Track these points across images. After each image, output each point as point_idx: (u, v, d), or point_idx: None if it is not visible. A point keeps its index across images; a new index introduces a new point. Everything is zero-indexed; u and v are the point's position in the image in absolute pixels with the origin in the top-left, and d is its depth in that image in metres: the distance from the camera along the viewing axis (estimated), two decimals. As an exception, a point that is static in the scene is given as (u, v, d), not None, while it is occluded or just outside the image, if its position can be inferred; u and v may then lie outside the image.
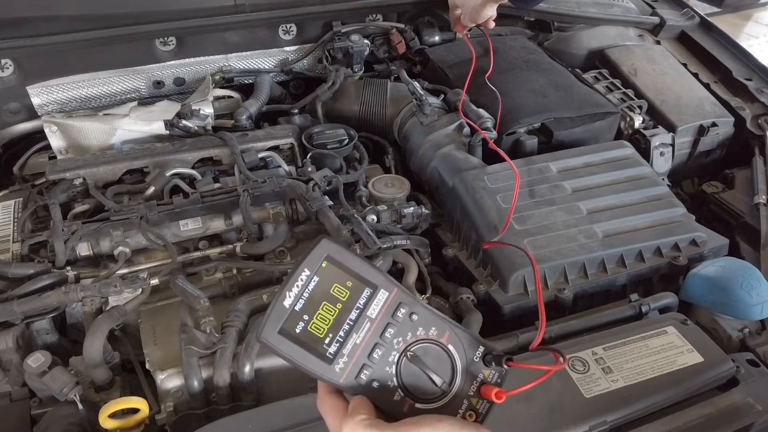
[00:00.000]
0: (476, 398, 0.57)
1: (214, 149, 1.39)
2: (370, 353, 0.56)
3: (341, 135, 1.46)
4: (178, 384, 0.97)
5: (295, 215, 1.28)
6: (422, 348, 0.57)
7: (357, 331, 0.56)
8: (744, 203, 1.41)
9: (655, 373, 0.91)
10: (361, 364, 0.55)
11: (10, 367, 1.04)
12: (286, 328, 0.55)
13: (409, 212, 1.25)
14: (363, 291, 0.57)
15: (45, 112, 1.54)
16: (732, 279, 1.09)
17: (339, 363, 0.55)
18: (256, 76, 1.67)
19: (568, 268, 1.13)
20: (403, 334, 0.57)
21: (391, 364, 0.56)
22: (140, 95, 1.63)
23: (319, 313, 0.55)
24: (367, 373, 0.55)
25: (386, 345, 0.56)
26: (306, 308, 0.55)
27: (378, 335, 0.56)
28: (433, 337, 0.58)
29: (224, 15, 1.59)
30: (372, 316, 0.57)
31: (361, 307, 0.57)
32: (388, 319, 0.57)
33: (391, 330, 0.57)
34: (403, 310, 0.57)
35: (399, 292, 0.58)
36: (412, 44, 1.79)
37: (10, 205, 1.30)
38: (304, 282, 0.55)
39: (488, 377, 0.58)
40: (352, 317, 0.56)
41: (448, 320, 0.59)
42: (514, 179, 1.26)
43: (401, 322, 0.57)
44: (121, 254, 1.16)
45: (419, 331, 0.57)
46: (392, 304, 0.57)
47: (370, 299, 0.57)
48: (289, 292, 0.55)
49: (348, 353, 0.55)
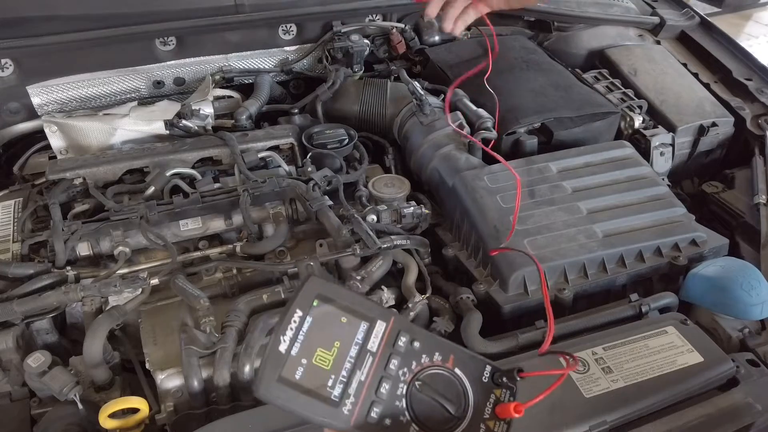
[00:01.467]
0: (493, 420, 0.55)
1: (214, 149, 1.39)
2: (377, 389, 0.53)
3: (341, 135, 1.46)
4: (178, 384, 0.97)
5: (295, 215, 1.28)
6: (429, 376, 0.55)
7: (360, 368, 0.53)
8: (744, 203, 1.41)
9: (655, 373, 0.91)
10: (370, 401, 0.52)
11: (10, 367, 1.04)
12: (285, 375, 0.51)
13: (409, 212, 1.25)
14: (360, 325, 0.54)
15: (45, 111, 1.55)
16: (732, 279, 1.09)
17: (346, 405, 0.52)
18: (256, 76, 1.67)
19: (568, 268, 1.13)
20: (408, 363, 0.54)
21: (400, 397, 0.53)
22: (140, 95, 1.63)
23: (318, 355, 0.52)
24: (377, 411, 0.52)
25: (392, 377, 0.53)
26: (303, 351, 0.52)
27: (382, 368, 0.53)
28: (439, 363, 0.55)
29: (224, 15, 1.59)
30: (373, 349, 0.54)
31: (360, 341, 0.54)
32: (390, 350, 0.54)
33: (395, 361, 0.54)
34: (403, 339, 0.55)
35: (396, 321, 0.55)
36: (412, 44, 1.79)
37: (10, 205, 1.30)
38: (297, 324, 0.52)
39: (501, 396, 0.56)
40: (353, 354, 0.53)
41: (450, 343, 0.57)
42: (514, 179, 1.26)
43: (404, 351, 0.54)
44: (121, 254, 1.16)
45: (423, 358, 0.55)
46: (392, 334, 0.55)
47: (368, 332, 0.54)
48: (284, 337, 0.52)
49: (354, 392, 0.52)
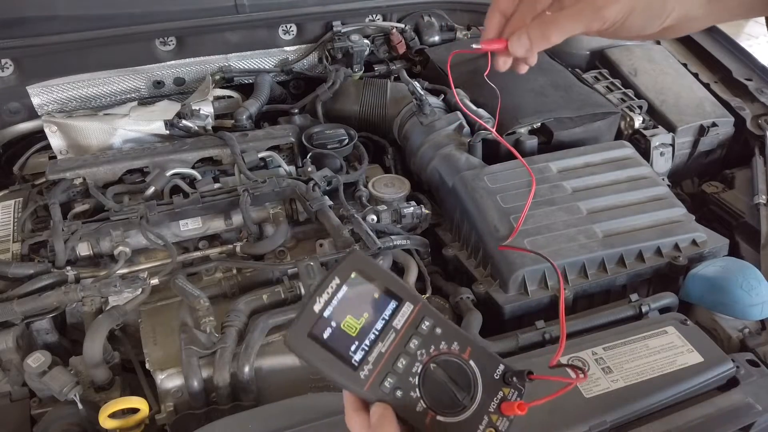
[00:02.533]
0: (497, 415, 0.58)
1: (214, 149, 1.39)
2: (394, 362, 0.56)
3: (341, 135, 1.46)
4: (178, 384, 0.97)
5: (295, 215, 1.28)
6: (444, 361, 0.58)
7: (383, 341, 0.57)
8: (744, 203, 1.41)
9: (655, 373, 0.91)
10: (386, 372, 0.56)
11: (10, 367, 1.04)
12: (314, 332, 0.55)
13: (409, 212, 1.25)
14: (389, 303, 0.58)
15: (45, 111, 1.55)
16: (732, 279, 1.09)
17: (364, 370, 0.56)
18: (256, 76, 1.67)
19: (568, 268, 1.13)
20: (427, 346, 0.58)
21: (414, 375, 0.57)
22: (140, 95, 1.63)
23: (347, 322, 0.56)
24: (391, 381, 0.56)
25: (410, 356, 0.57)
26: (334, 315, 0.56)
27: (403, 345, 0.57)
28: (456, 352, 0.58)
29: (224, 15, 1.60)
30: (397, 327, 0.58)
31: (386, 318, 0.58)
32: (412, 330, 0.58)
33: (415, 341, 0.57)
34: (427, 323, 0.58)
35: (423, 306, 0.59)
36: (412, 44, 1.79)
37: (10, 205, 1.30)
38: (333, 290, 0.56)
39: (508, 394, 0.59)
40: (378, 327, 0.57)
41: (469, 337, 0.60)
42: (515, 179, 1.26)
43: (425, 334, 0.58)
44: (121, 254, 1.16)
45: (442, 345, 0.58)
46: (417, 317, 0.58)
47: (395, 311, 0.58)
48: (320, 298, 0.56)
49: (373, 361, 0.56)
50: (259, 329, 1.00)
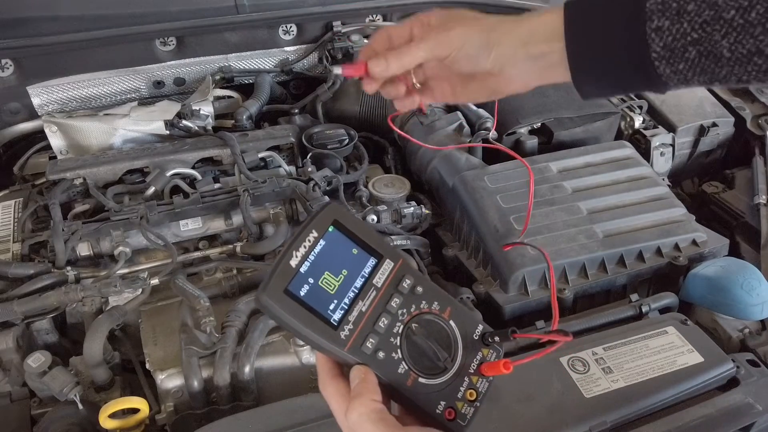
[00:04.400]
0: (476, 376, 0.56)
1: (215, 149, 1.39)
2: (375, 322, 0.54)
3: (341, 135, 1.46)
4: (178, 384, 0.97)
5: (295, 215, 1.28)
6: (426, 321, 0.56)
7: (363, 299, 0.54)
8: (744, 203, 1.41)
9: (656, 373, 0.91)
10: (367, 332, 0.53)
11: (10, 367, 1.04)
12: (291, 289, 0.52)
13: (409, 212, 1.25)
14: (368, 260, 0.56)
15: (45, 112, 1.55)
16: (732, 279, 1.09)
17: (344, 330, 0.53)
18: (257, 76, 1.67)
19: (568, 268, 1.13)
20: (408, 305, 0.56)
21: (395, 335, 0.55)
22: (140, 95, 1.63)
23: (324, 278, 0.53)
24: (372, 342, 0.53)
25: (392, 315, 0.55)
26: (311, 271, 0.53)
27: (384, 304, 0.55)
28: (436, 312, 0.57)
29: (224, 15, 1.59)
30: (378, 285, 0.55)
31: (366, 275, 0.55)
32: (393, 289, 0.56)
33: (396, 300, 0.55)
34: (408, 281, 0.57)
35: (404, 264, 0.57)
36: (413, 44, 1.79)
37: (10, 205, 1.30)
38: (311, 244, 0.54)
39: (487, 355, 0.57)
40: (358, 285, 0.55)
41: (449, 297, 0.59)
42: (515, 179, 1.26)
43: (406, 293, 0.56)
44: (122, 254, 1.16)
45: (423, 304, 0.57)
46: (397, 275, 0.56)
47: (375, 268, 0.56)
48: (296, 252, 0.53)
49: (353, 321, 0.53)
50: (259, 329, 1.00)
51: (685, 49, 0.56)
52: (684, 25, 0.55)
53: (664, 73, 0.58)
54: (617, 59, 0.59)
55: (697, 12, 0.55)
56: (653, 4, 0.56)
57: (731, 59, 0.55)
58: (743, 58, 0.54)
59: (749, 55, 0.54)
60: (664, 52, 0.57)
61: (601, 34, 0.60)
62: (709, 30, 0.54)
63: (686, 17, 0.55)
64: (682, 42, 0.56)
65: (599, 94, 0.65)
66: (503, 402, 0.85)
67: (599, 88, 0.64)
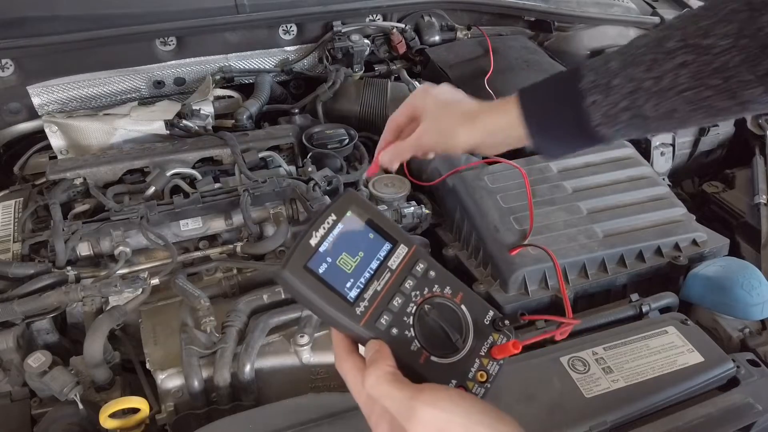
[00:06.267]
0: (487, 359, 0.59)
1: (215, 149, 1.39)
2: (389, 301, 0.57)
3: (341, 135, 1.46)
4: (178, 384, 0.97)
5: (295, 215, 1.28)
6: (438, 304, 0.59)
7: (378, 279, 0.57)
8: (744, 203, 1.41)
9: (656, 373, 0.91)
10: (382, 309, 0.56)
11: (10, 367, 1.04)
12: (310, 266, 0.55)
13: (409, 212, 1.25)
14: (384, 244, 0.59)
15: (45, 111, 1.55)
16: (732, 279, 1.09)
17: (360, 306, 0.56)
18: (257, 76, 1.67)
19: (568, 268, 1.13)
20: (421, 288, 0.59)
21: (408, 314, 0.57)
22: (140, 95, 1.63)
23: (342, 258, 0.56)
24: (387, 319, 0.56)
25: (405, 296, 0.58)
26: (330, 250, 0.56)
27: (398, 285, 0.58)
28: (448, 296, 0.60)
29: (224, 15, 1.59)
30: (392, 267, 0.58)
31: (381, 258, 0.58)
32: (407, 272, 0.59)
33: (410, 282, 0.58)
34: (421, 266, 0.59)
35: (417, 249, 0.60)
36: (413, 44, 1.79)
37: (10, 205, 1.30)
38: (330, 226, 0.57)
39: (497, 340, 0.60)
40: (373, 266, 0.58)
41: (461, 283, 0.61)
42: (515, 179, 1.26)
43: (419, 277, 0.59)
44: (122, 254, 1.16)
45: (435, 287, 0.59)
46: (411, 260, 0.59)
47: (390, 252, 0.59)
48: (316, 232, 0.56)
49: (369, 298, 0.56)
50: (259, 329, 1.00)
51: (618, 115, 0.69)
52: (613, 97, 0.69)
53: (606, 134, 0.72)
54: (568, 130, 0.74)
55: (622, 85, 0.68)
56: (586, 83, 0.70)
57: (656, 117, 0.68)
58: (665, 116, 0.68)
59: (669, 113, 0.68)
60: (602, 119, 0.70)
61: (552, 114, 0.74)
62: (634, 98, 0.68)
63: (614, 91, 0.69)
64: (614, 110, 0.69)
65: (560, 155, 0.80)
66: (503, 401, 0.85)
67: (558, 152, 0.79)
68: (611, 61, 0.70)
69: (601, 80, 0.70)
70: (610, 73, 0.70)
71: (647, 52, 0.68)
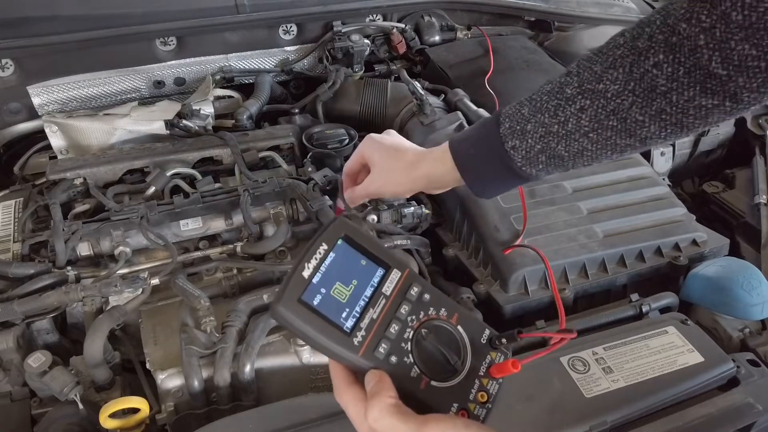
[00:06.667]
0: (487, 378, 0.58)
1: (215, 149, 1.39)
2: (386, 328, 0.56)
3: (341, 135, 1.46)
4: (178, 384, 0.97)
5: (295, 215, 1.28)
6: (435, 327, 0.58)
7: (373, 307, 0.57)
8: (744, 203, 1.41)
9: (656, 373, 0.91)
10: (379, 337, 0.56)
11: (10, 367, 1.04)
12: (304, 298, 0.54)
13: (409, 212, 1.25)
14: (376, 270, 0.59)
15: (45, 111, 1.55)
16: (732, 279, 1.09)
17: (357, 336, 0.55)
18: (257, 76, 1.67)
19: (568, 268, 1.13)
20: (417, 312, 0.58)
21: (406, 340, 0.57)
22: (141, 95, 1.63)
23: (336, 288, 0.56)
24: (385, 347, 0.55)
25: (401, 321, 0.57)
26: (323, 281, 0.56)
27: (393, 311, 0.57)
28: (444, 318, 0.59)
29: (224, 15, 1.59)
30: (387, 293, 0.58)
31: (375, 284, 0.58)
32: (402, 297, 0.58)
33: (405, 307, 0.58)
34: (415, 289, 0.59)
35: (411, 273, 0.60)
36: (413, 44, 1.79)
37: (10, 205, 1.30)
38: (321, 256, 0.56)
39: (495, 358, 0.60)
40: (368, 294, 0.57)
41: (456, 304, 0.61)
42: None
43: (414, 301, 0.59)
44: (122, 254, 1.16)
45: (431, 311, 0.59)
46: (405, 283, 0.59)
47: (384, 278, 0.58)
48: (308, 264, 0.55)
49: (365, 327, 0.56)
50: (259, 329, 1.00)
51: (537, 156, 0.76)
52: (529, 141, 0.75)
53: (531, 173, 0.78)
54: (498, 174, 0.81)
55: (534, 130, 0.75)
56: (505, 129, 0.77)
57: (570, 157, 0.74)
58: (577, 155, 0.74)
59: (580, 152, 0.73)
60: (524, 161, 0.77)
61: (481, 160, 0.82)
62: (546, 141, 0.74)
63: (528, 135, 0.75)
64: (532, 152, 0.76)
65: (494, 195, 0.87)
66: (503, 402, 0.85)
67: (492, 191, 0.86)
68: (524, 107, 0.76)
69: (516, 126, 0.76)
70: (523, 120, 0.76)
71: (551, 98, 0.73)
